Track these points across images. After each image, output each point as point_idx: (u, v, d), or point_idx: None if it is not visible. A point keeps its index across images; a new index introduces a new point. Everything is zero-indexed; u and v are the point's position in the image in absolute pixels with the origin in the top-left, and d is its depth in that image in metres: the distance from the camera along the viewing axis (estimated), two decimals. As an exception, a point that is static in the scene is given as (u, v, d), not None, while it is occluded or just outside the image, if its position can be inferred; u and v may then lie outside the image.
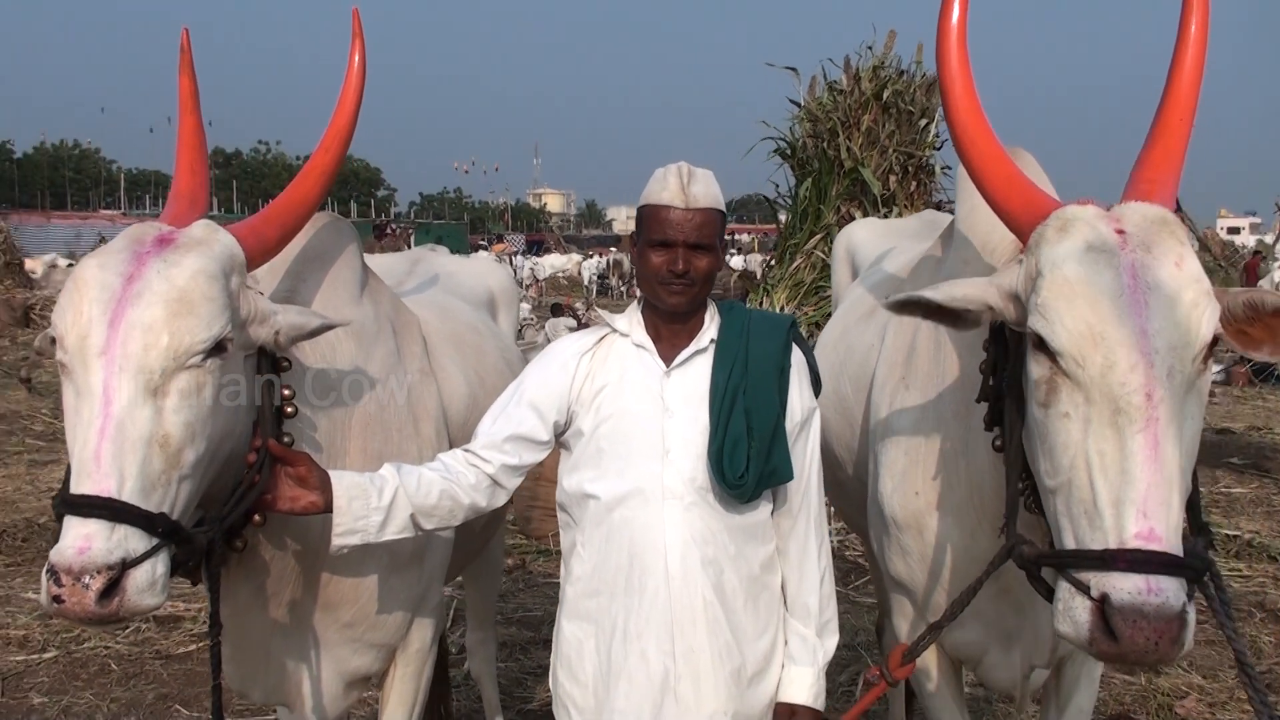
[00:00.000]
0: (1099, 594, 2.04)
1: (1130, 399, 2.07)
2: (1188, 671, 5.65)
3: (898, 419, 3.09)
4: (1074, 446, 2.15)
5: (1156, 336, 2.08)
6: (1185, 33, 2.41)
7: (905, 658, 2.68)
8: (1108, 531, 2.06)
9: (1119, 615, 1.99)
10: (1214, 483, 10.06)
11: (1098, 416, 2.12)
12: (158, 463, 2.22)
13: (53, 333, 2.33)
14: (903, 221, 4.99)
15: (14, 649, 6.00)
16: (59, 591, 2.09)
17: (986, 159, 2.50)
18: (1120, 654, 2.01)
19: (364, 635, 3.01)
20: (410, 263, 4.35)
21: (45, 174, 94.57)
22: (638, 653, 2.62)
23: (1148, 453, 2.05)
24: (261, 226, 2.65)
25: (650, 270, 2.64)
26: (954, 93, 2.56)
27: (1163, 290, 2.11)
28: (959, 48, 2.59)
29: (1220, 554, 7.78)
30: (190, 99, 2.82)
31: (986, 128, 2.53)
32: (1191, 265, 2.16)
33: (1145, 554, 2.01)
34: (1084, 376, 2.13)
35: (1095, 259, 2.17)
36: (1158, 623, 1.97)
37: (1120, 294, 2.12)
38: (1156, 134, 2.41)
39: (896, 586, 3.19)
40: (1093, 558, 2.08)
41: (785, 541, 2.76)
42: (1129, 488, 2.05)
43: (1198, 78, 2.40)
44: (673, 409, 2.64)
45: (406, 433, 3.06)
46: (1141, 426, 2.06)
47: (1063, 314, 2.16)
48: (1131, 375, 2.07)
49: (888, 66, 9.21)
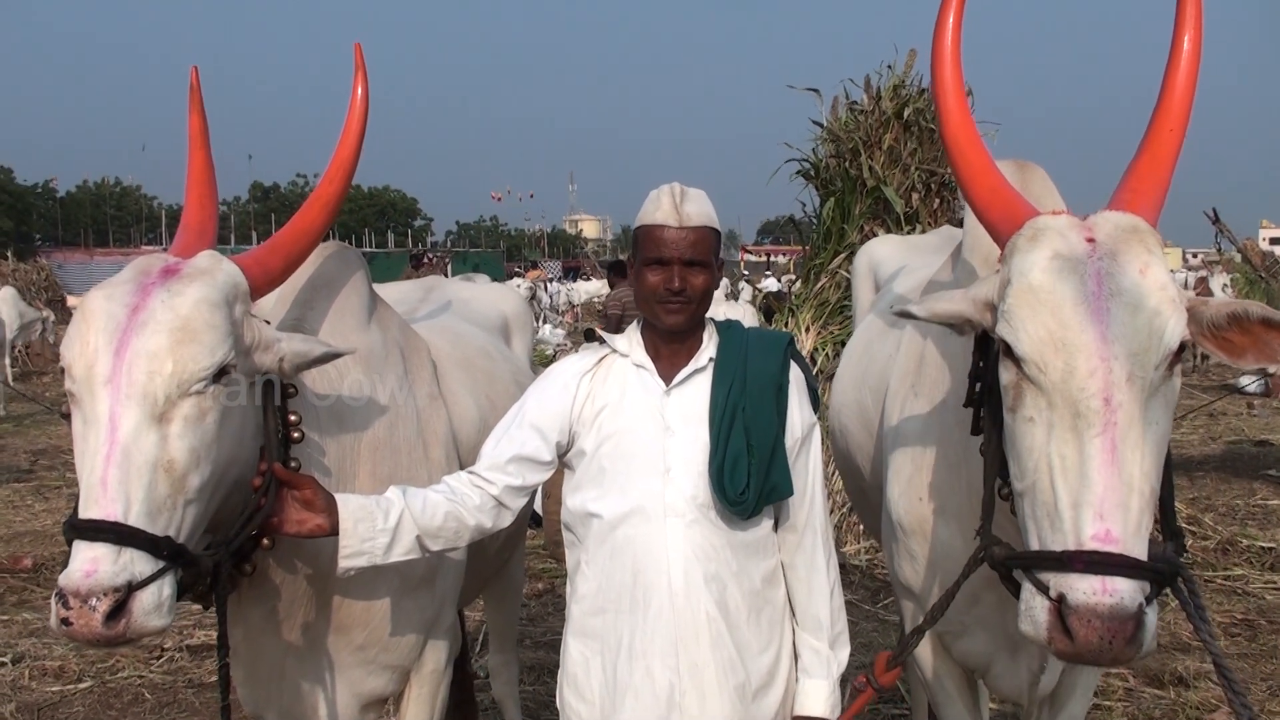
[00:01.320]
0: (1056, 594, 2.10)
1: (1089, 404, 2.12)
2: (1218, 685, 5.58)
3: (906, 426, 3.14)
4: (1038, 450, 2.21)
5: (1116, 342, 2.12)
6: (1179, 43, 2.44)
7: (890, 663, 2.71)
8: (1066, 533, 2.12)
9: (1074, 615, 2.06)
10: (1251, 495, 9.97)
11: (1059, 421, 2.17)
12: (163, 487, 2.28)
13: (61, 363, 2.39)
14: (922, 237, 5.03)
15: (50, 679, 6.09)
16: (66, 614, 2.14)
17: (974, 170, 2.56)
18: (1076, 653, 2.07)
19: (377, 657, 3.05)
20: (424, 290, 4.41)
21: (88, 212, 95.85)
22: (643, 670, 2.65)
23: (1105, 456, 2.10)
24: (266, 256, 2.71)
25: (647, 290, 2.68)
26: (946, 106, 2.64)
27: (1125, 297, 2.15)
28: (952, 63, 2.67)
29: (1256, 565, 7.75)
30: (200, 135, 2.90)
31: (976, 140, 2.59)
32: (1157, 273, 2.20)
33: (1101, 555, 2.06)
34: (1046, 382, 2.18)
35: (1060, 267, 2.22)
36: (1111, 623, 2.03)
37: (1083, 301, 2.16)
38: (1145, 143, 2.45)
39: (905, 592, 3.23)
40: (1051, 559, 2.14)
41: (792, 555, 2.78)
42: (1087, 490, 2.10)
43: (1190, 88, 2.43)
44: (673, 427, 2.68)
45: (416, 456, 3.10)
46: (1099, 430, 2.11)
47: (1026, 321, 2.22)
48: (1090, 380, 2.12)
49: (908, 85, 9.18)
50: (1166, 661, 5.81)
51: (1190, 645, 6.14)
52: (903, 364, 3.25)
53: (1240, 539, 8.18)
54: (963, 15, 2.70)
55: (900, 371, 3.25)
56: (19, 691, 5.94)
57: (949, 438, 2.88)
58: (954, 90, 2.65)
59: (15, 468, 12.44)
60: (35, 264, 37.15)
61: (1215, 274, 25.94)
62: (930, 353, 3.09)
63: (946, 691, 3.21)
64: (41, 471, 12.17)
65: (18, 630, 6.86)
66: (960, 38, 2.69)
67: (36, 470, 12.27)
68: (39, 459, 13.00)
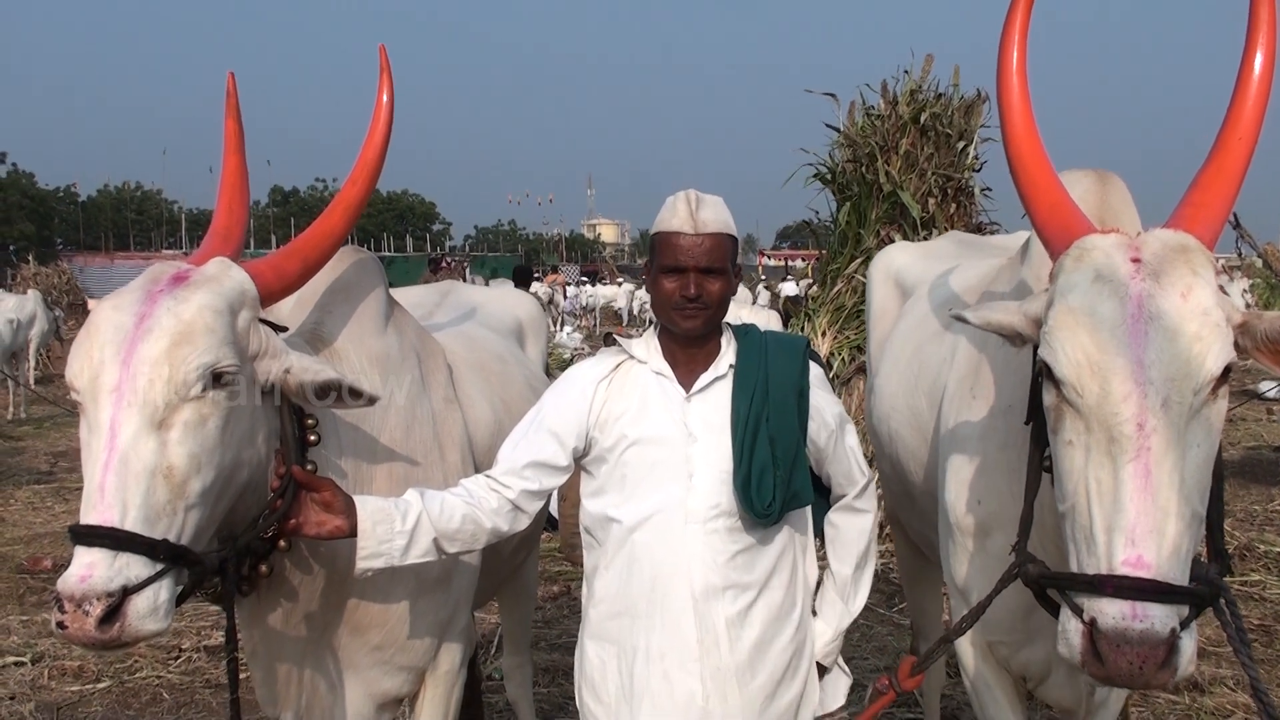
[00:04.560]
0: (1089, 618, 2.10)
1: (1122, 429, 2.12)
2: (1234, 690, 5.58)
3: (965, 430, 3.13)
4: (1077, 473, 2.22)
5: (1152, 367, 2.12)
6: (1251, 50, 2.43)
7: (915, 669, 2.73)
8: (1100, 558, 2.12)
9: (1104, 639, 2.06)
10: (1269, 500, 9.92)
11: (1095, 445, 2.18)
12: (162, 493, 2.30)
13: (66, 374, 2.43)
14: (935, 244, 5.03)
15: (69, 679, 6.14)
16: (62, 617, 2.18)
17: (1036, 187, 2.56)
18: (1107, 676, 2.08)
19: (393, 658, 3.08)
20: (440, 294, 4.44)
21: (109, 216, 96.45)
22: (659, 673, 2.68)
23: (1138, 482, 2.10)
24: (282, 261, 2.75)
25: (664, 296, 2.70)
26: (1012, 121, 2.64)
27: (1164, 321, 2.15)
28: (1019, 78, 2.67)
29: (1274, 571, 7.70)
30: (235, 139, 2.95)
31: (1040, 156, 2.59)
32: (1200, 297, 2.18)
33: (1132, 580, 2.06)
34: (1082, 405, 2.19)
35: (1100, 289, 2.22)
36: (1141, 648, 2.03)
37: (1121, 324, 2.16)
38: (1213, 153, 2.43)
39: (958, 593, 3.23)
40: (1084, 581, 2.14)
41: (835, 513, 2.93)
42: (1119, 515, 2.10)
43: (1264, 96, 2.42)
44: (696, 435, 2.71)
45: (432, 459, 3.13)
46: (1133, 456, 2.11)
47: (1064, 343, 2.22)
48: (1124, 405, 2.12)
49: (925, 90, 9.17)
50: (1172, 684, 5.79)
51: (1205, 651, 6.12)
52: (960, 367, 3.25)
53: (1258, 544, 8.15)
54: (1028, 29, 2.70)
55: (958, 375, 3.25)
56: (38, 691, 5.99)
57: (1009, 443, 2.87)
58: (1020, 105, 2.65)
59: (35, 470, 12.51)
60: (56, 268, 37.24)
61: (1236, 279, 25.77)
62: (991, 355, 3.09)
63: (998, 702, 3.20)
64: (61, 474, 12.23)
65: (37, 630, 6.91)
66: (1025, 52, 2.70)
67: (56, 472, 12.34)
68: (59, 461, 13.07)
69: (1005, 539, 2.87)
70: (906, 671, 2.74)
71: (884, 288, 4.63)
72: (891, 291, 4.54)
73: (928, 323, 3.84)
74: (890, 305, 4.52)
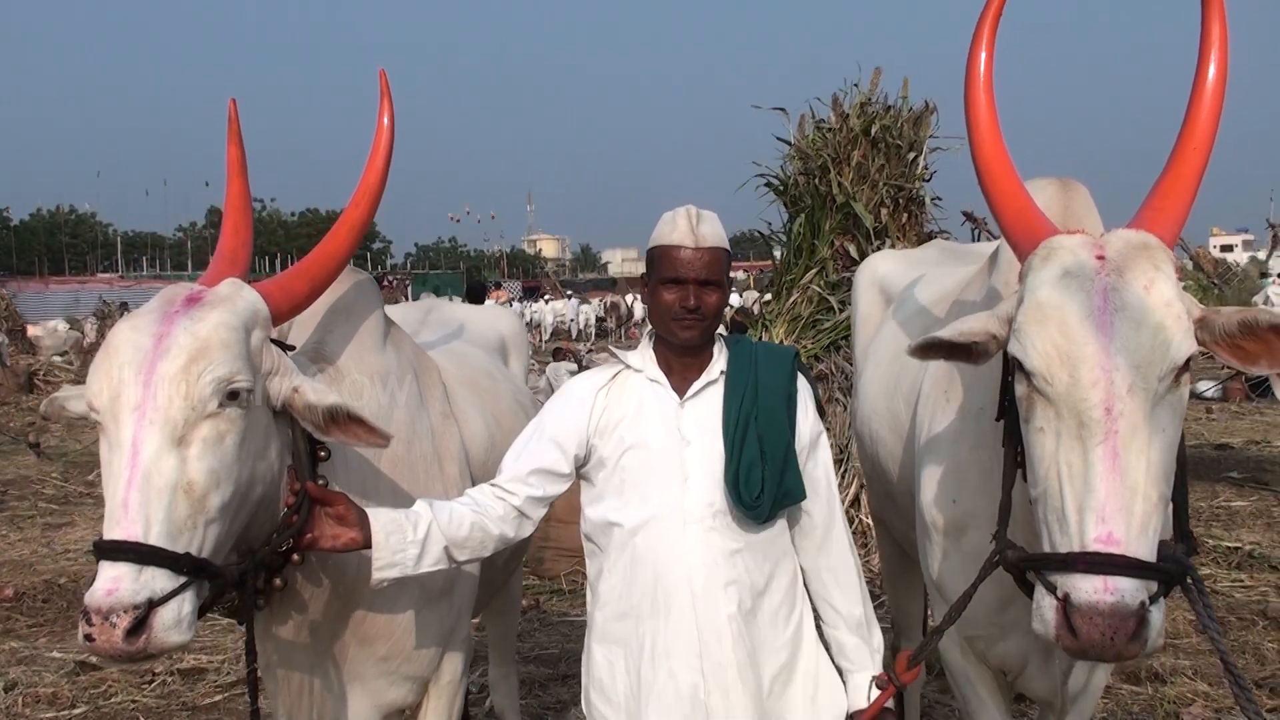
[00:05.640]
0: (1063, 594, 2.23)
1: (1091, 413, 2.26)
2: (1193, 679, 5.77)
3: (939, 432, 3.25)
4: (1048, 458, 2.35)
5: (1119, 355, 2.25)
6: (1205, 63, 2.57)
7: (911, 662, 2.83)
8: (1072, 536, 2.26)
9: (1078, 613, 2.19)
10: (1214, 497, 10.19)
11: (1066, 430, 2.31)
12: (183, 508, 2.37)
13: (86, 394, 2.48)
14: (919, 252, 5.17)
15: (44, 706, 6.10)
16: (89, 630, 2.24)
17: (1003, 194, 2.70)
18: (1081, 649, 2.20)
19: (399, 668, 3.14)
20: (424, 311, 4.52)
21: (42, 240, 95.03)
22: (666, 671, 2.76)
23: (1107, 463, 2.23)
24: (291, 282, 2.82)
25: (663, 307, 2.80)
26: (979, 133, 2.77)
27: (1129, 312, 2.28)
28: (985, 91, 2.80)
29: (1223, 565, 7.96)
30: (238, 165, 3.02)
31: (1007, 165, 2.72)
32: (1162, 289, 2.32)
33: (1104, 556, 2.19)
34: (1053, 393, 2.32)
35: (1068, 284, 2.35)
36: (1113, 620, 2.16)
37: (1088, 316, 2.30)
38: (1170, 162, 2.57)
39: (937, 590, 3.34)
40: (1058, 560, 2.27)
41: (814, 559, 2.92)
42: (1090, 495, 2.24)
43: (1216, 108, 2.56)
44: (690, 438, 2.80)
45: (432, 472, 3.21)
46: (1101, 439, 2.25)
47: (1034, 336, 2.36)
48: (1093, 391, 2.26)
49: (874, 103, 9.35)
50: (1142, 659, 5.98)
51: (1165, 644, 6.31)
52: (935, 371, 3.36)
53: (1206, 539, 8.41)
54: (994, 44, 2.83)
55: (933, 379, 3.37)
56: (13, 719, 5.96)
57: (982, 444, 2.98)
58: (987, 118, 2.78)
59: (-15, 499, 12.37)
60: (-7, 294, 36.68)
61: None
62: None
63: (980, 697, 3.31)
64: (13, 502, 12.08)
65: (6, 658, 6.85)
66: (992, 66, 2.82)
67: (8, 501, 12.17)
68: (9, 489, 12.89)
69: (980, 536, 2.98)
70: (904, 665, 2.84)
71: (869, 294, 4.74)
72: (876, 298, 4.67)
73: (908, 329, 3.96)
74: (875, 311, 4.64)
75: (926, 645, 2.88)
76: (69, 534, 10.27)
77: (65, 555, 9.38)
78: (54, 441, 15.94)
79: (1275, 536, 8.80)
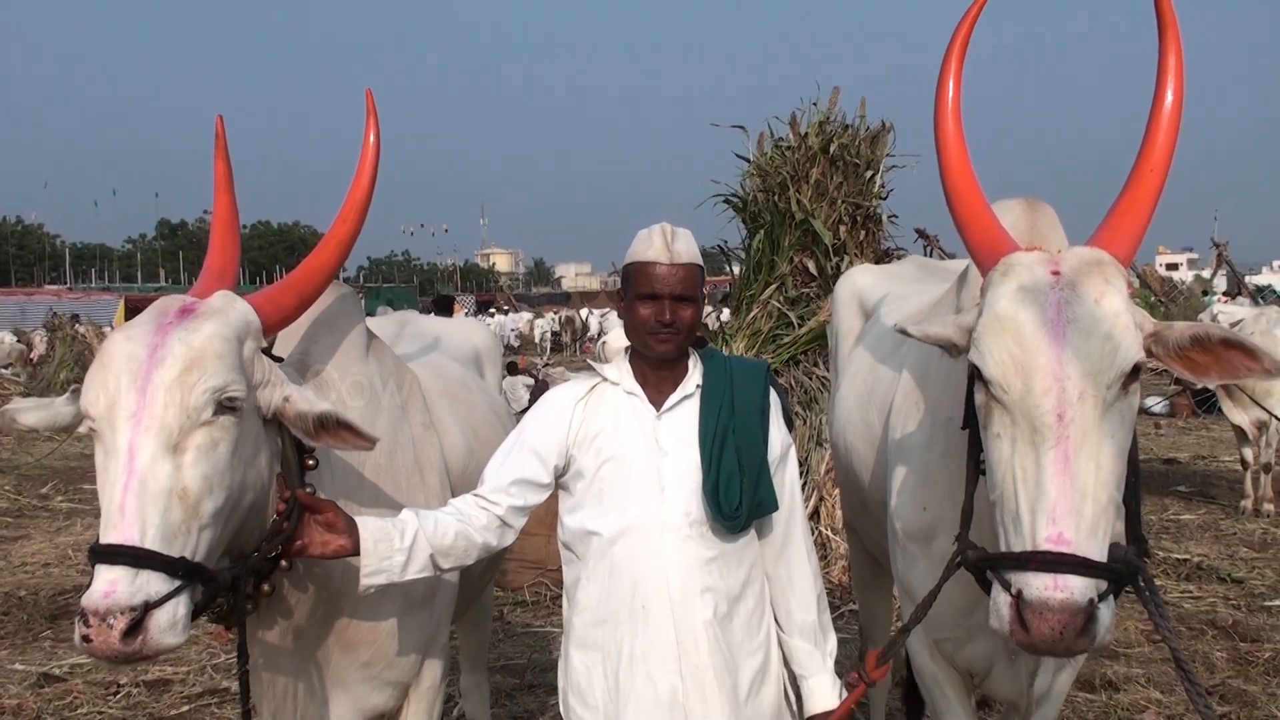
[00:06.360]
0: (1016, 590, 2.35)
1: (1043, 419, 2.38)
2: (1146, 687, 5.93)
3: (909, 441, 3.37)
4: (1004, 463, 2.47)
5: (1069, 364, 2.38)
6: (1162, 88, 2.68)
7: (880, 660, 2.93)
8: (1025, 536, 2.37)
9: (1029, 608, 2.31)
10: (1163, 510, 10.43)
11: (1020, 436, 2.43)
12: (177, 513, 2.43)
13: (81, 403, 2.53)
14: (897, 267, 5.30)
15: (9, 717, 6.08)
16: (87, 631, 2.29)
17: (970, 213, 2.81)
18: (1032, 643, 2.31)
19: (381, 673, 3.20)
20: (399, 324, 4.57)
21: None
22: (643, 675, 2.85)
23: (1058, 467, 2.36)
24: (279, 295, 2.88)
25: (639, 321, 2.89)
26: (948, 155, 2.88)
27: (1080, 323, 2.41)
28: (953, 115, 2.92)
29: (1173, 576, 8.18)
30: (225, 180, 3.08)
31: (974, 186, 2.84)
32: (1111, 301, 2.44)
33: (1054, 556, 2.31)
34: (1008, 401, 2.45)
35: (1024, 297, 2.48)
36: (1062, 615, 2.27)
37: (1041, 327, 2.42)
38: (1128, 183, 2.69)
39: (907, 595, 3.45)
40: (1011, 559, 2.39)
41: (774, 565, 3.01)
42: (1042, 497, 2.36)
43: (1173, 132, 2.67)
44: (667, 449, 2.89)
45: (414, 482, 3.28)
46: (1053, 444, 2.37)
47: (991, 346, 2.48)
48: (1045, 399, 2.38)
49: (833, 121, 9.48)
50: (1096, 667, 6.12)
51: (1118, 653, 6.47)
52: (906, 383, 3.48)
53: (1157, 551, 8.62)
54: (962, 68, 2.95)
55: (905, 389, 3.48)
56: (-24, 731, 5.94)
57: (951, 452, 3.09)
58: (955, 141, 2.89)
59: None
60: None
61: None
62: (934, 371, 3.30)
63: (947, 698, 3.42)
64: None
65: (-32, 673, 6.83)
66: (960, 91, 2.94)
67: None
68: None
69: (948, 542, 3.07)
70: (873, 663, 2.93)
71: (848, 308, 4.84)
72: (855, 311, 4.77)
73: (883, 342, 4.08)
74: (853, 324, 4.75)
75: (894, 643, 2.98)
76: (25, 547, 10.21)
77: (23, 568, 9.33)
78: (5, 454, 15.80)
79: (1223, 549, 9.05)
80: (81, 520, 11.44)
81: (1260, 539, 9.49)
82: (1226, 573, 8.18)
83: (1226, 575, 8.14)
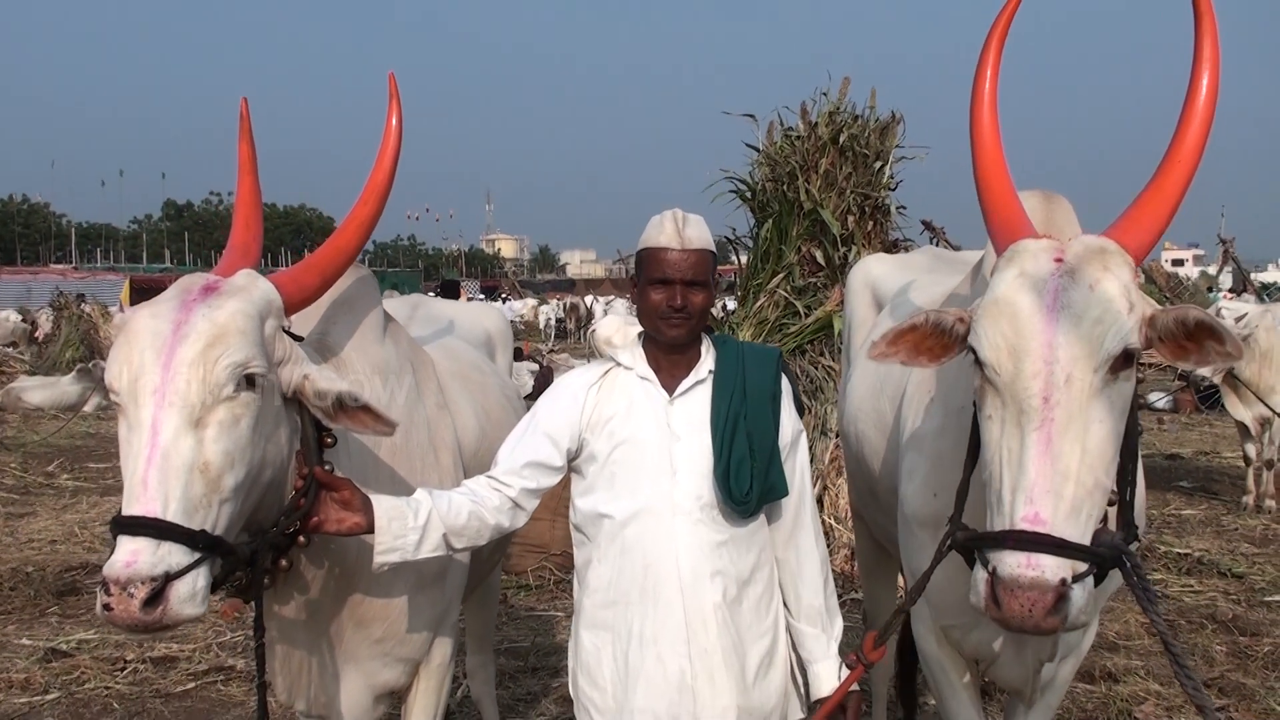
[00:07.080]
0: (991, 567, 2.40)
1: (1030, 402, 2.43)
2: (1145, 679, 5.98)
3: (922, 428, 3.41)
4: (994, 444, 2.53)
5: (1059, 348, 2.43)
6: (1197, 80, 2.68)
7: (877, 641, 2.99)
8: (1005, 515, 2.43)
9: (1001, 585, 2.37)
10: (1164, 505, 10.46)
11: (1009, 418, 2.49)
12: (199, 487, 2.47)
13: (106, 378, 2.58)
14: (911, 256, 5.32)
15: (17, 691, 6.15)
16: (108, 600, 2.33)
17: (997, 203, 2.84)
18: (1003, 619, 2.38)
19: (393, 650, 3.26)
20: (411, 307, 4.63)
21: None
22: (653, 656, 2.89)
23: (1040, 448, 2.41)
24: (302, 275, 2.92)
25: (651, 307, 2.93)
26: (982, 145, 2.90)
27: (1073, 309, 2.45)
28: (990, 107, 2.94)
29: (1174, 571, 8.22)
30: (249, 162, 3.12)
31: (1004, 178, 2.86)
32: (1106, 287, 2.48)
33: (1029, 535, 2.36)
34: (1000, 383, 2.50)
35: (1023, 283, 2.52)
36: (1031, 593, 2.33)
37: (1036, 312, 2.47)
38: (1156, 174, 2.69)
39: (913, 579, 3.46)
40: (990, 538, 2.45)
41: (784, 550, 3.05)
42: (1023, 477, 2.42)
43: (1205, 127, 2.66)
44: (679, 434, 2.93)
45: (428, 462, 3.32)
46: (1037, 426, 2.42)
47: (987, 330, 2.53)
48: (1033, 382, 2.43)
49: (843, 112, 9.46)
50: (1096, 659, 6.17)
51: (1118, 645, 6.52)
52: (919, 372, 3.49)
53: (1158, 546, 8.67)
54: (1000, 60, 2.96)
55: (917, 379, 3.52)
56: (-14, 704, 6.00)
57: (961, 441, 3.09)
58: (989, 131, 2.91)
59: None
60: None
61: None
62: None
63: (952, 684, 3.46)
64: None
65: (-22, 646, 6.89)
66: (998, 81, 2.96)
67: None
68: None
69: None
70: (870, 645, 2.99)
71: (861, 296, 4.87)
72: (868, 300, 4.81)
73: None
74: (867, 313, 4.78)
75: (890, 623, 3.03)
76: (32, 523, 10.27)
77: (30, 545, 9.39)
78: (11, 432, 15.85)
79: (1224, 544, 9.09)
80: (87, 498, 11.52)
81: (1261, 535, 9.53)
82: (1227, 568, 8.23)
83: (1227, 570, 8.18)
